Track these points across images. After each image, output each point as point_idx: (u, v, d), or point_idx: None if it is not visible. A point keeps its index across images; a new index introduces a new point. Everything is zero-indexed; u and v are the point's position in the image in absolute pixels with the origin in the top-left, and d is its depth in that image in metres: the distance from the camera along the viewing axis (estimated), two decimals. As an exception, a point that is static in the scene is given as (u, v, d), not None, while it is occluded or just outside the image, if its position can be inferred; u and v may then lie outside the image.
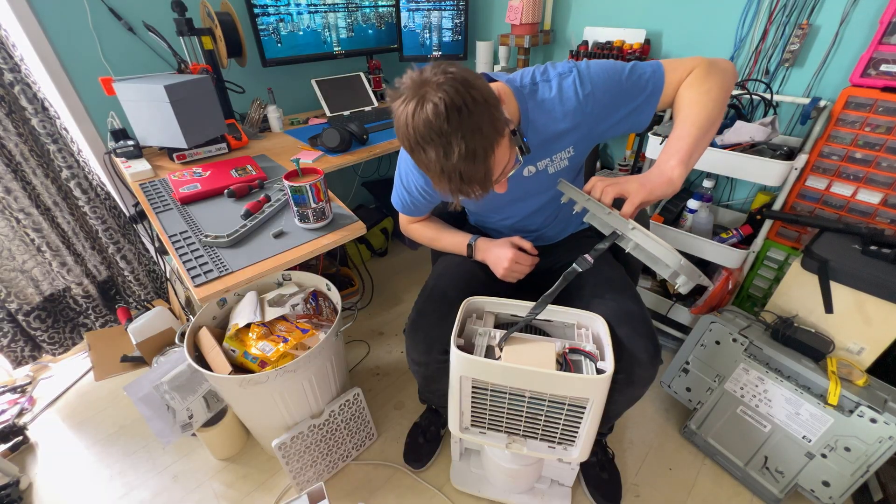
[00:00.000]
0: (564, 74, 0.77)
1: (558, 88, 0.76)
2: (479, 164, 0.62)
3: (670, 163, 0.71)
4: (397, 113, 0.62)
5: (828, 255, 1.01)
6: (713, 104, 0.72)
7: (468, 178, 0.63)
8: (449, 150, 0.60)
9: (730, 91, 0.75)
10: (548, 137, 0.80)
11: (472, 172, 0.62)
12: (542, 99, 0.77)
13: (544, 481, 1.12)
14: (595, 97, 0.76)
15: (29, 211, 1.33)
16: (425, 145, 0.61)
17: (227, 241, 0.93)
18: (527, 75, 0.79)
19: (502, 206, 0.96)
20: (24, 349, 1.50)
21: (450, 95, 0.58)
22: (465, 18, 1.79)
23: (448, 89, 0.58)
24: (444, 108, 0.58)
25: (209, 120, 1.30)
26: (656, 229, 1.37)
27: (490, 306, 0.91)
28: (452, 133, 0.59)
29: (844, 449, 0.96)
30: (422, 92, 0.60)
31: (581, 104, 0.76)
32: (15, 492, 1.15)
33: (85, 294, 1.55)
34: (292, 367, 0.95)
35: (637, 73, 0.76)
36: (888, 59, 1.01)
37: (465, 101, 0.59)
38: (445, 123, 0.58)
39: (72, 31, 1.29)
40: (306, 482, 1.14)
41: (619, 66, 0.77)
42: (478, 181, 0.64)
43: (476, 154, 0.61)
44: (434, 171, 0.63)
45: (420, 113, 0.59)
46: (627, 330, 0.83)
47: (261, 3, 1.48)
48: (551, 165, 0.86)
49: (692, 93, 0.74)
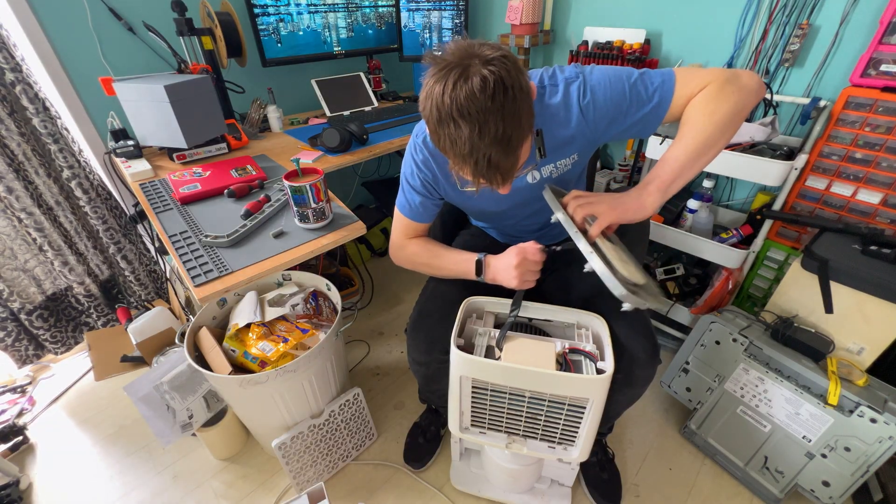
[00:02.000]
0: (571, 80, 0.74)
1: (564, 94, 0.74)
2: (510, 153, 0.59)
3: (648, 188, 0.71)
4: (432, 81, 0.58)
5: (828, 255, 1.01)
6: (714, 128, 0.68)
7: (495, 164, 0.59)
8: (485, 130, 0.56)
9: (746, 110, 0.70)
10: (553, 144, 0.77)
11: (500, 159, 0.59)
12: (549, 104, 0.74)
13: (544, 481, 1.12)
14: (595, 106, 0.73)
15: (31, 210, 1.33)
16: (460, 119, 0.56)
17: (227, 241, 0.93)
18: (535, 77, 0.75)
19: (502, 210, 0.94)
20: (28, 348, 1.50)
21: (500, 74, 0.55)
22: (465, 18, 1.79)
23: (500, 66, 0.55)
24: (492, 85, 0.54)
25: (209, 120, 1.30)
26: (656, 229, 1.37)
27: (490, 306, 0.92)
28: (494, 112, 0.55)
29: (844, 449, 0.96)
30: (467, 62, 0.56)
31: (583, 111, 0.74)
32: (15, 492, 1.15)
33: (87, 293, 1.55)
34: (292, 367, 0.95)
35: (644, 83, 0.72)
36: (888, 59, 1.01)
37: (514, 83, 0.56)
38: (490, 101, 0.55)
39: (72, 31, 1.29)
40: (306, 482, 1.14)
41: (625, 74, 0.73)
42: (502, 170, 0.61)
43: (511, 141, 0.58)
44: (460, 150, 0.59)
45: (463, 85, 0.55)
46: (626, 329, 0.83)
47: (261, 3, 1.48)
48: (555, 171, 0.83)
49: (696, 113, 0.69)
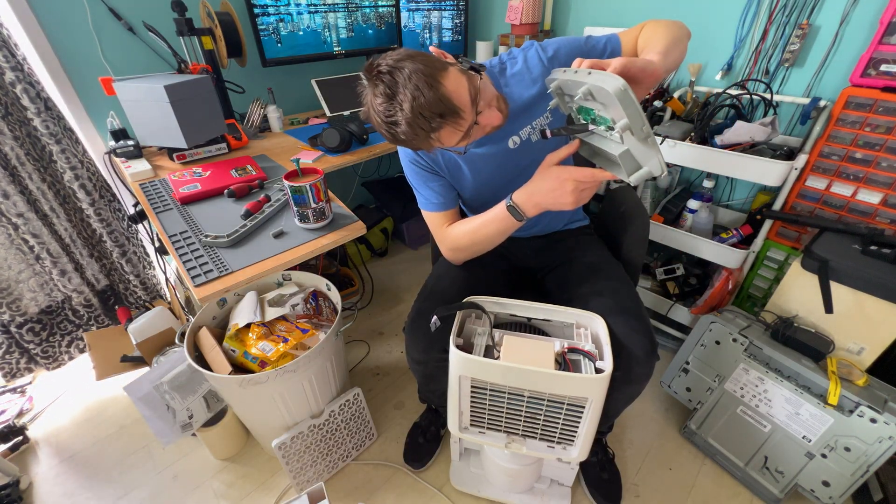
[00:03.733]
0: (526, 48, 0.86)
1: (523, 60, 0.85)
2: (431, 96, 0.64)
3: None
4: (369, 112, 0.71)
5: (828, 255, 1.01)
6: (670, 33, 0.78)
7: (429, 114, 0.65)
8: (403, 104, 0.65)
9: (684, 35, 0.83)
10: (522, 104, 0.85)
11: (428, 106, 0.65)
12: (511, 73, 0.86)
13: (544, 481, 1.12)
14: (559, 59, 0.83)
15: (28, 216, 1.31)
16: (388, 118, 0.67)
17: (227, 241, 0.93)
18: (494, 59, 0.88)
19: (499, 188, 0.93)
20: (20, 361, 1.49)
21: (384, 76, 0.66)
22: (465, 18, 1.79)
23: (383, 73, 0.66)
24: (383, 88, 0.66)
25: (209, 120, 1.30)
26: (656, 229, 1.37)
27: (489, 306, 0.91)
28: (400, 92, 0.65)
29: (844, 449, 0.95)
30: (370, 86, 0.69)
31: (546, 68, 0.83)
32: (15, 492, 1.15)
33: (86, 303, 1.54)
34: (292, 367, 0.95)
35: (594, 39, 0.85)
36: (888, 59, 1.01)
37: (392, 68, 0.65)
38: (390, 89, 0.65)
39: (72, 31, 1.29)
40: (306, 482, 1.14)
41: (576, 37, 0.87)
42: (439, 112, 0.66)
43: (422, 93, 0.64)
44: (406, 133, 0.67)
45: (374, 101, 0.68)
46: (624, 326, 0.84)
47: (261, 3, 1.48)
48: (533, 134, 0.88)
49: (650, 33, 0.81)
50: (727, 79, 1.35)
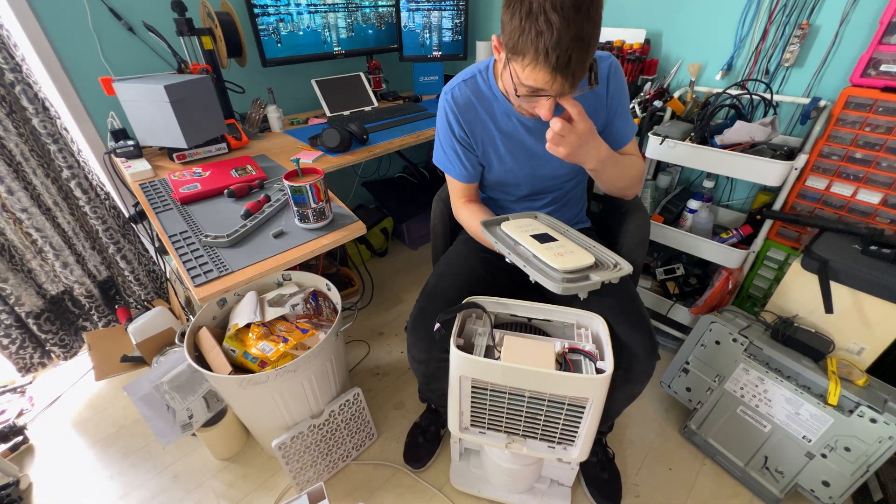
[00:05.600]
0: (607, 57, 0.87)
1: (600, 59, 0.85)
2: (586, 54, 0.62)
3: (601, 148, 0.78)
4: None
5: (828, 255, 1.01)
6: (631, 176, 0.90)
7: (574, 63, 0.62)
8: (572, 26, 0.59)
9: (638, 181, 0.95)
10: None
11: (578, 58, 0.62)
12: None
13: (544, 481, 1.12)
14: (616, 85, 0.87)
15: (31, 211, 1.33)
16: (552, 12, 0.59)
17: (227, 241, 0.93)
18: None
19: (524, 162, 0.95)
20: (34, 355, 1.49)
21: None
22: (464, 18, 1.79)
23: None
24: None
25: (209, 120, 1.30)
26: (656, 229, 1.37)
27: (490, 306, 0.91)
28: (582, 12, 0.59)
29: (844, 449, 0.96)
30: None
31: (608, 79, 0.86)
32: (15, 492, 1.15)
33: (87, 294, 1.55)
34: (292, 367, 0.95)
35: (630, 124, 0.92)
36: (888, 59, 1.01)
37: None
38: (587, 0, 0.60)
39: (72, 31, 1.29)
40: (306, 482, 1.14)
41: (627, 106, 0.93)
42: (575, 70, 0.63)
43: (590, 44, 0.62)
44: (545, 42, 0.61)
45: None
46: (624, 326, 0.84)
47: (261, 3, 1.48)
48: None
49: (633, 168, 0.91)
50: (727, 79, 1.35)
